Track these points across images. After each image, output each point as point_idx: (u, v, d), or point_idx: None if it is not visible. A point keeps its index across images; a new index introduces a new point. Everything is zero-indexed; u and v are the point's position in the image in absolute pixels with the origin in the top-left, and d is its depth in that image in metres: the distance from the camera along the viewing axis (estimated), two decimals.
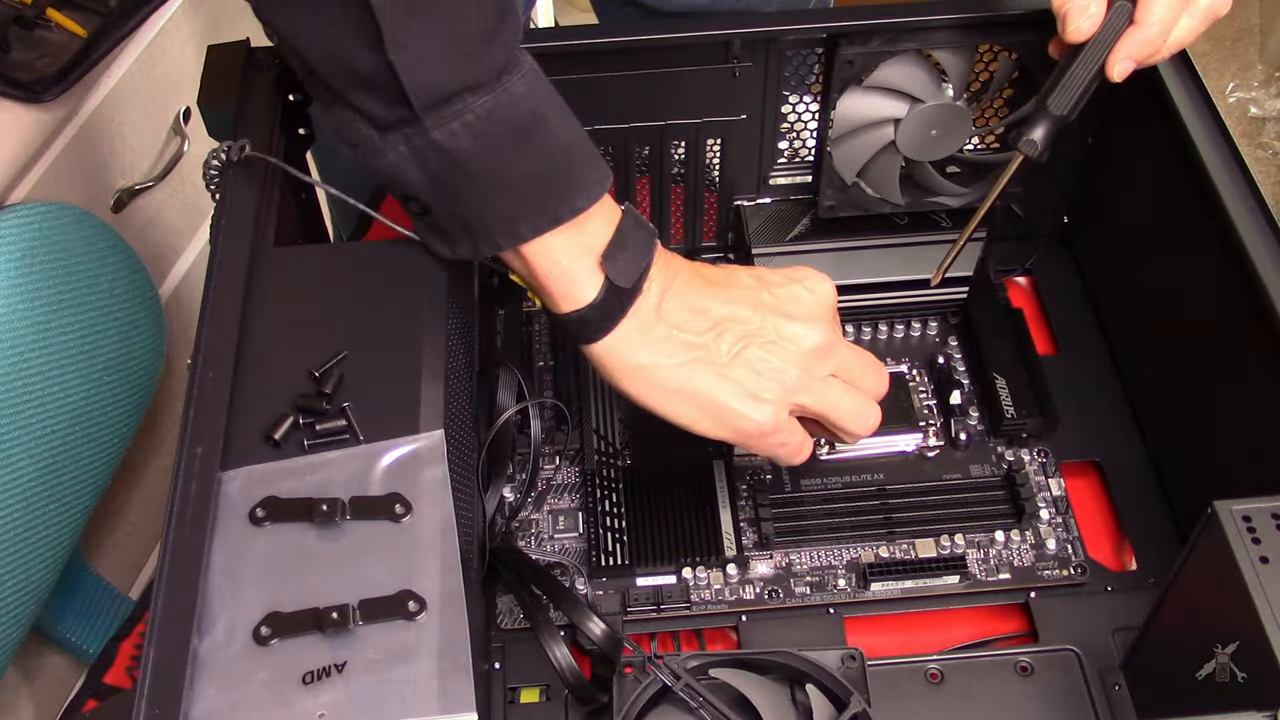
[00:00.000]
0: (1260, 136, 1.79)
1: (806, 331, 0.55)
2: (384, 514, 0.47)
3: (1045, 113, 0.58)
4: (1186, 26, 0.57)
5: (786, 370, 0.55)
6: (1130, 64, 0.58)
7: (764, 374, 0.54)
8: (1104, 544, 0.66)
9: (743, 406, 0.54)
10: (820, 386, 0.56)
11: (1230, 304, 0.59)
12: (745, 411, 0.54)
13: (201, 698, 0.43)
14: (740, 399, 0.54)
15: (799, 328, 0.55)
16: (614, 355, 0.54)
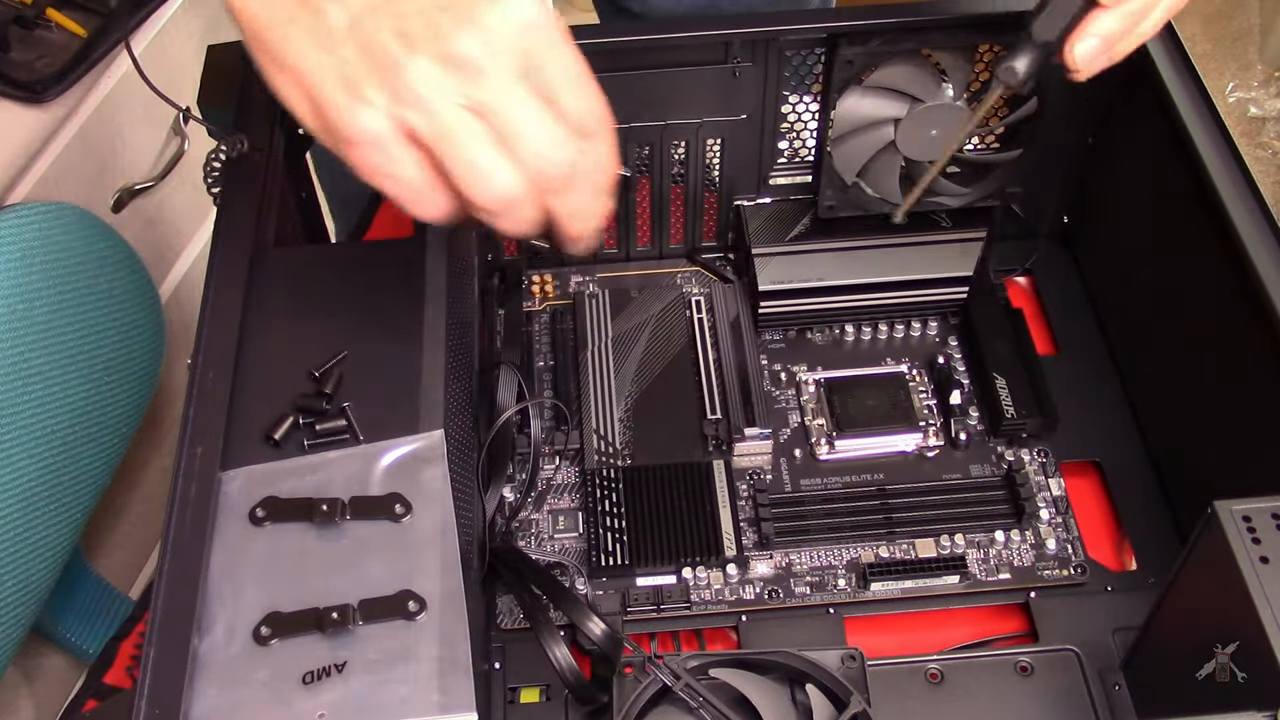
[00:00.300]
0: (1260, 136, 1.79)
1: (462, 35, 0.42)
2: (384, 514, 0.47)
3: (1029, 40, 0.55)
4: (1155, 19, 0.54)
5: (409, 72, 0.42)
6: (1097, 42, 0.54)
7: (378, 68, 0.42)
8: (1104, 544, 0.66)
9: (334, 94, 0.43)
10: (449, 114, 0.43)
11: (1230, 304, 0.59)
12: (335, 100, 0.43)
13: (201, 698, 0.43)
14: (334, 85, 0.43)
15: (457, 27, 0.42)
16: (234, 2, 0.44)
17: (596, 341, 0.72)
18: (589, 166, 0.46)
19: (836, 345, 0.74)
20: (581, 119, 0.45)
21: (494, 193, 0.44)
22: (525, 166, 0.44)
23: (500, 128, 0.43)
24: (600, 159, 0.46)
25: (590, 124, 0.45)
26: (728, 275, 0.77)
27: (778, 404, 0.71)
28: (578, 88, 0.45)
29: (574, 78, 0.45)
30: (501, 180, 0.44)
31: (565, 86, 0.44)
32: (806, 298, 0.72)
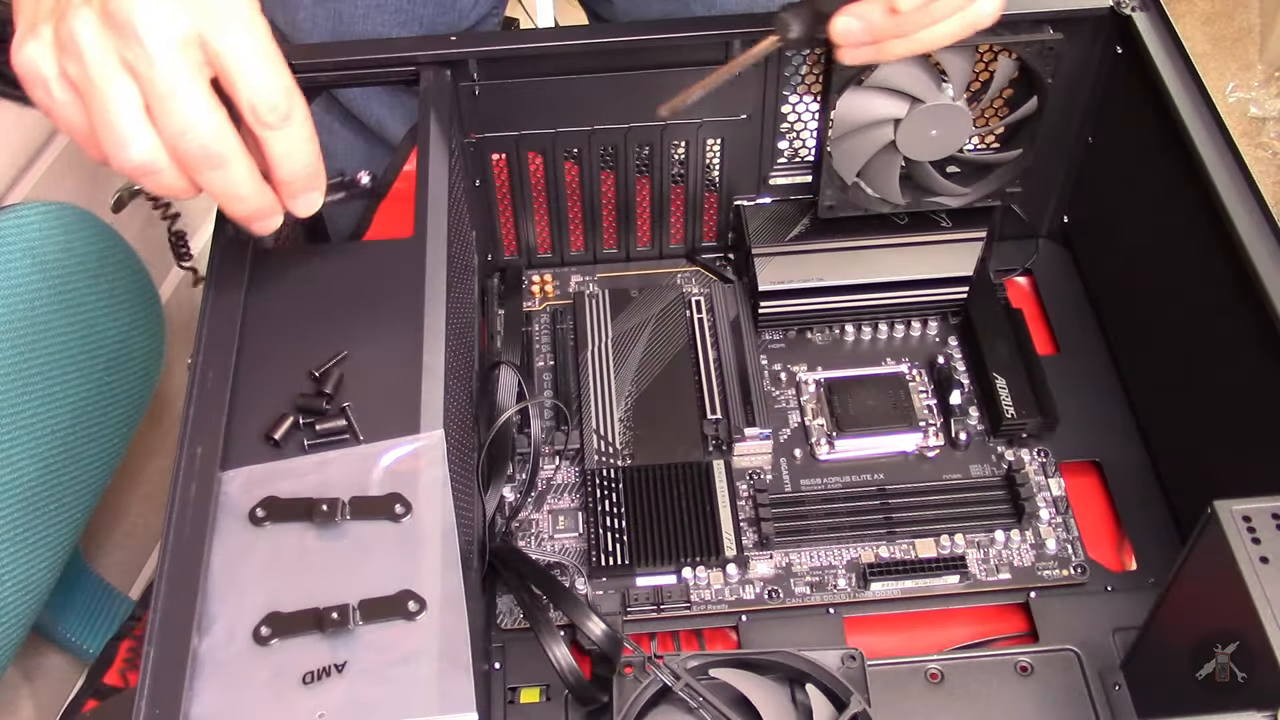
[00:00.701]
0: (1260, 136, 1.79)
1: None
2: (384, 514, 0.47)
3: (810, 1, 0.55)
4: (951, 26, 0.53)
5: (71, 18, 0.42)
6: (853, 20, 0.52)
7: (56, 9, 0.43)
8: (1104, 544, 0.66)
9: (18, 24, 0.44)
10: (100, 69, 0.42)
11: (1230, 304, 0.59)
12: (17, 31, 0.44)
13: (201, 698, 0.43)
14: (21, 17, 0.44)
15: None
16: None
17: (596, 341, 0.72)
18: (280, 152, 0.46)
19: (836, 345, 0.74)
20: (255, 103, 0.44)
21: (127, 158, 0.43)
22: (164, 139, 0.43)
23: (148, 94, 0.43)
24: (280, 146, 0.46)
25: (266, 110, 0.44)
26: (728, 275, 0.77)
27: (778, 404, 0.71)
28: (255, 69, 0.44)
29: (253, 58, 0.44)
30: (137, 148, 0.43)
31: (240, 66, 0.44)
32: (806, 298, 0.72)
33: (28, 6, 0.44)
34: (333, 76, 0.66)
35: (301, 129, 0.46)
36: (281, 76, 0.45)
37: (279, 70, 0.45)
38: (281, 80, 0.45)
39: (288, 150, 0.46)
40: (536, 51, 0.67)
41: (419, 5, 0.85)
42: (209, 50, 0.43)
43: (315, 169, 0.48)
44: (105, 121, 0.43)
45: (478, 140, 0.70)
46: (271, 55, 0.45)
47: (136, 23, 0.42)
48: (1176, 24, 0.66)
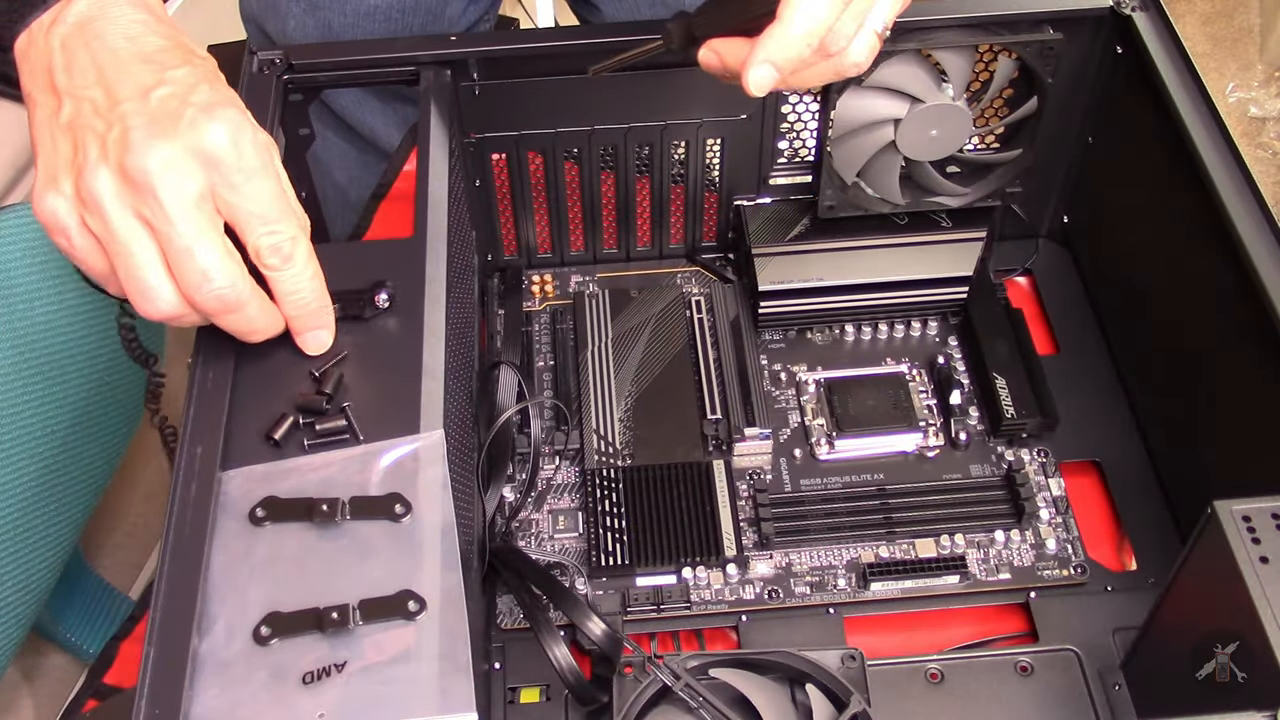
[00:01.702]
0: (1260, 136, 1.79)
1: (148, 151, 0.45)
2: (384, 514, 0.47)
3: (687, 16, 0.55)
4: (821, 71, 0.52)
5: (90, 176, 0.45)
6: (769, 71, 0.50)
7: (75, 165, 0.46)
8: (1104, 544, 0.66)
9: (40, 174, 0.47)
10: (120, 224, 0.45)
11: (1230, 304, 0.59)
12: (38, 180, 0.47)
13: (201, 698, 0.43)
14: (42, 166, 0.47)
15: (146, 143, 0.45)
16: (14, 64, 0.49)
17: (596, 341, 0.72)
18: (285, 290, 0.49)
19: (836, 345, 0.74)
20: (259, 248, 0.48)
21: (151, 309, 0.47)
22: (182, 289, 0.46)
23: (166, 249, 0.46)
24: (284, 285, 0.49)
25: (269, 253, 0.48)
26: (728, 275, 0.77)
27: (778, 404, 0.71)
28: (261, 219, 0.47)
29: (260, 208, 0.47)
30: (161, 302, 0.47)
31: (247, 217, 0.47)
32: (806, 298, 0.72)
33: (46, 154, 0.47)
34: (333, 77, 0.66)
35: (304, 269, 0.49)
36: (286, 223, 0.48)
37: (284, 216, 0.48)
38: (286, 227, 0.48)
39: (291, 289, 0.49)
40: (536, 51, 0.67)
41: (408, 14, 0.85)
42: (220, 203, 0.46)
43: (319, 305, 0.50)
44: (129, 274, 0.46)
45: (478, 140, 0.70)
46: (277, 203, 0.48)
47: (155, 183, 0.45)
48: (1176, 24, 0.66)
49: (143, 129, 0.45)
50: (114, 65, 0.47)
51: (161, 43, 0.48)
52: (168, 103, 0.46)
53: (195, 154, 0.46)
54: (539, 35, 0.73)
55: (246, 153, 0.47)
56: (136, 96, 0.46)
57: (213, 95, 0.47)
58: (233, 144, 0.46)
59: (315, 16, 0.84)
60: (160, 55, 0.48)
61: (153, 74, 0.47)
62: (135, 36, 0.48)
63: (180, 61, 0.48)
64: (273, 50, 0.65)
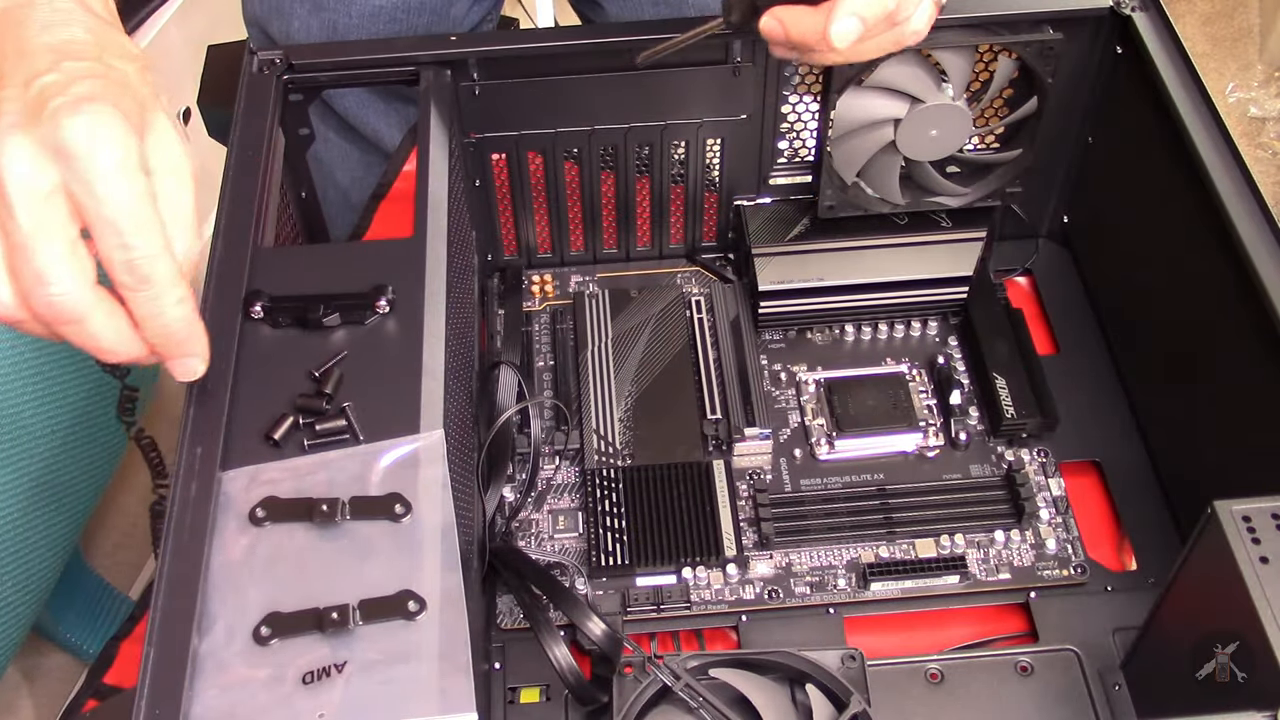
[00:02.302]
0: (1260, 136, 1.79)
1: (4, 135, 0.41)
2: (384, 514, 0.47)
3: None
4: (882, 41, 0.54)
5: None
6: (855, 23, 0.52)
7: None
8: (1104, 544, 0.66)
9: None
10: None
11: (1230, 304, 0.59)
12: None
13: (201, 698, 0.43)
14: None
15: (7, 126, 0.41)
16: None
17: (596, 341, 0.72)
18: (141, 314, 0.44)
19: (836, 345, 0.74)
20: (111, 261, 0.43)
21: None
22: (19, 291, 0.42)
23: (5, 244, 0.42)
24: (140, 309, 0.44)
25: (121, 270, 0.43)
26: (728, 275, 0.78)
27: (778, 404, 0.71)
28: (115, 228, 0.42)
29: (117, 215, 0.42)
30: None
31: (100, 223, 0.42)
32: (806, 298, 0.72)
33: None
34: (333, 77, 0.66)
35: (164, 292, 0.44)
36: (145, 237, 0.43)
37: (144, 229, 0.43)
38: (145, 241, 0.43)
39: (149, 313, 0.44)
40: (536, 51, 0.67)
41: (413, 14, 0.85)
42: (77, 204, 0.42)
43: (184, 335, 0.46)
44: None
45: (478, 140, 0.70)
46: (138, 212, 0.42)
47: (3, 175, 0.41)
48: (1176, 24, 0.66)
49: (8, 117, 0.42)
50: (17, 50, 0.44)
51: (77, 35, 0.45)
52: (46, 92, 0.42)
53: (50, 146, 0.41)
54: (539, 35, 0.73)
55: (106, 151, 0.42)
56: (20, 84, 0.42)
57: (95, 88, 0.42)
58: (90, 139, 0.41)
59: (320, 18, 0.84)
60: (71, 46, 0.44)
61: (49, 62, 0.43)
62: (52, 25, 0.45)
63: (89, 54, 0.44)
64: (273, 50, 0.65)
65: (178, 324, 0.45)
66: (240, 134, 0.61)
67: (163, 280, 0.43)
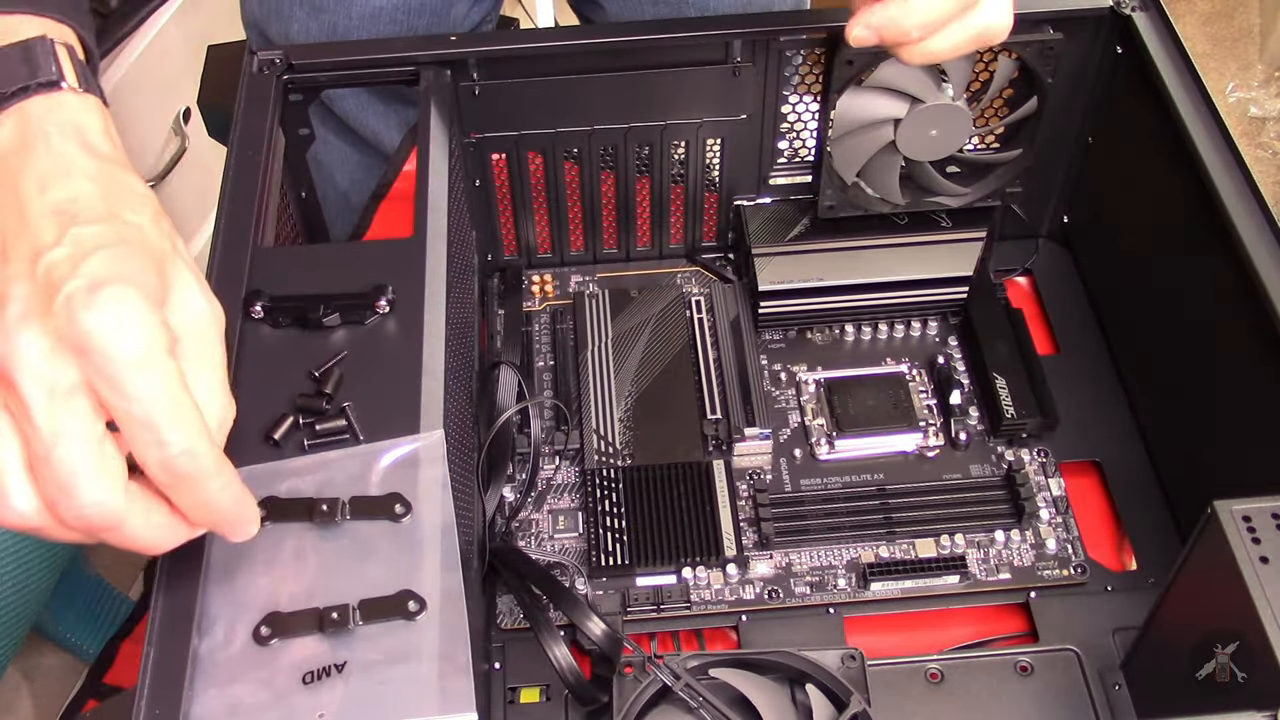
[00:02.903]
0: (1260, 136, 1.79)
1: (22, 331, 0.38)
2: (384, 514, 0.47)
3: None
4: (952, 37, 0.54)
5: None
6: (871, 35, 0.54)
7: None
8: (1104, 544, 0.66)
9: None
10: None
11: (1230, 304, 0.59)
12: None
13: (201, 698, 0.43)
14: None
15: (17, 325, 0.38)
16: None
17: (596, 341, 0.72)
18: (184, 506, 0.41)
19: (836, 345, 0.74)
20: (146, 460, 0.39)
21: (3, 517, 0.39)
22: (43, 500, 0.38)
23: (28, 450, 0.38)
24: (184, 501, 0.40)
25: (158, 469, 0.39)
26: (728, 275, 0.78)
27: (778, 404, 0.71)
28: (148, 425, 0.38)
29: (148, 411, 0.38)
30: (12, 507, 0.38)
31: (130, 422, 0.38)
32: (806, 298, 0.72)
33: None
34: (333, 76, 0.66)
35: (206, 482, 0.40)
36: (180, 430, 0.39)
37: (177, 421, 0.39)
38: (180, 435, 0.39)
39: (192, 505, 0.41)
40: (536, 51, 0.67)
41: (413, 15, 0.85)
42: (101, 398, 0.38)
43: (232, 515, 0.42)
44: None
45: (478, 140, 0.70)
46: (170, 404, 0.39)
47: (16, 375, 0.37)
48: (1176, 24, 0.66)
49: (18, 304, 0.38)
50: (18, 216, 0.40)
51: (81, 190, 0.41)
52: (55, 271, 0.38)
53: (67, 341, 0.38)
54: (539, 35, 0.73)
55: (129, 344, 0.38)
56: (27, 259, 0.39)
57: (107, 266, 0.39)
58: (111, 332, 0.38)
59: (319, 20, 0.84)
60: (75, 205, 0.40)
61: (54, 232, 0.39)
62: (51, 180, 0.41)
63: (97, 214, 0.41)
64: (273, 50, 0.65)
65: (224, 507, 0.41)
66: (240, 134, 0.61)
67: (204, 472, 0.40)
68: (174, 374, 0.39)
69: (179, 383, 0.39)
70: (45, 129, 0.42)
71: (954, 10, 0.54)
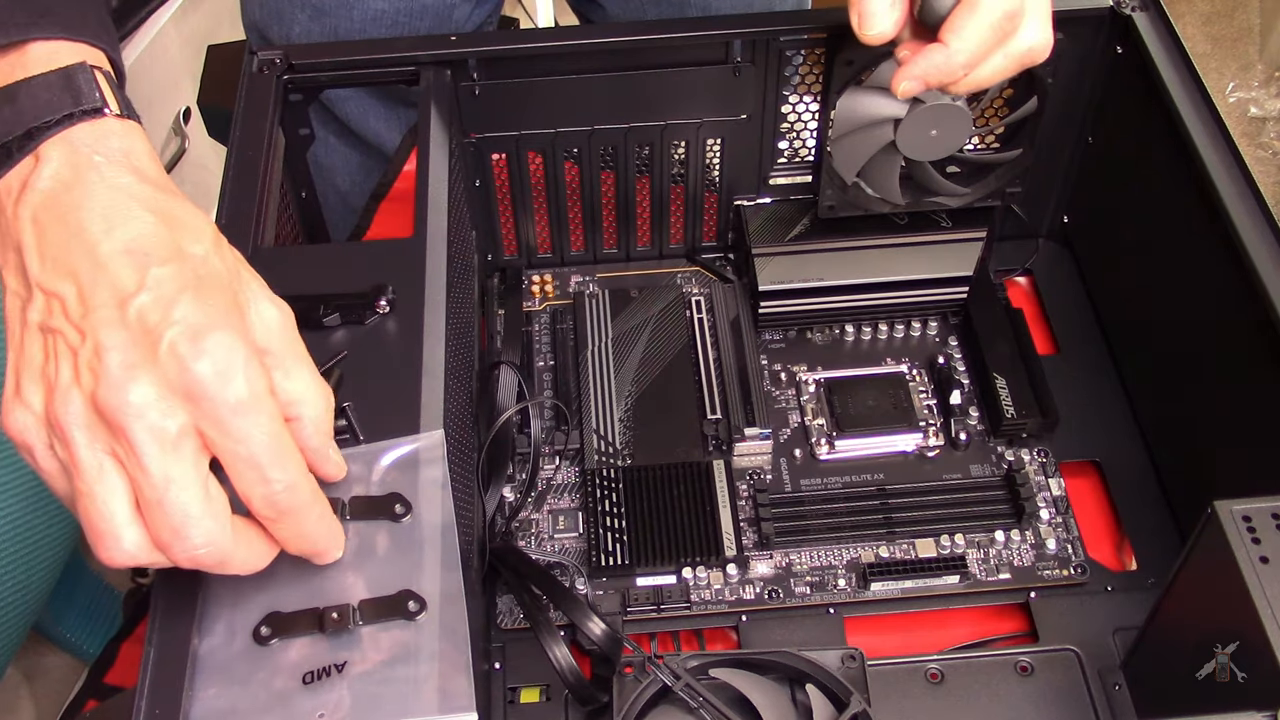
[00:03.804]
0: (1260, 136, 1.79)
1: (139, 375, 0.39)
2: (384, 514, 0.47)
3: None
4: (996, 65, 0.55)
5: (64, 396, 0.39)
6: (918, 85, 0.55)
7: (47, 370, 0.40)
8: (1104, 544, 0.66)
9: (9, 384, 0.41)
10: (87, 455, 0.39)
11: (1230, 304, 0.59)
12: (7, 392, 0.41)
13: (201, 698, 0.43)
14: (12, 370, 0.41)
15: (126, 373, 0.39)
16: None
17: (596, 341, 0.72)
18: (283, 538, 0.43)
19: (836, 345, 0.74)
20: (249, 497, 0.41)
21: (110, 556, 0.40)
22: (153, 539, 0.40)
23: (138, 494, 0.40)
24: (283, 532, 0.43)
25: (262, 505, 0.41)
26: (728, 275, 0.78)
27: (778, 404, 0.71)
28: (252, 466, 0.41)
29: (251, 453, 0.40)
30: (121, 548, 0.40)
31: (235, 462, 0.40)
32: (806, 298, 0.72)
33: (15, 353, 0.41)
34: (333, 76, 0.66)
35: (305, 514, 0.43)
36: (282, 468, 0.41)
37: (280, 459, 0.41)
38: (282, 472, 0.41)
39: (290, 536, 0.43)
40: (536, 51, 0.67)
41: (415, 18, 0.85)
42: (205, 439, 0.40)
43: (328, 542, 0.45)
44: (87, 516, 0.40)
45: (478, 140, 0.70)
46: (273, 443, 0.41)
47: (127, 424, 0.39)
48: (1176, 24, 0.66)
49: (118, 352, 0.39)
50: (89, 258, 0.40)
51: (145, 227, 0.41)
52: (147, 317, 0.40)
53: (176, 389, 0.39)
54: (539, 35, 0.73)
55: (236, 385, 0.40)
56: (113, 305, 0.40)
57: (198, 311, 0.40)
58: (218, 378, 0.40)
59: (321, 23, 0.84)
60: (144, 243, 0.41)
61: (133, 274, 0.40)
62: (114, 217, 0.41)
63: (168, 253, 0.41)
64: (273, 50, 0.65)
65: (320, 536, 0.44)
66: (240, 134, 0.61)
67: (304, 505, 0.42)
68: (276, 414, 0.41)
69: (280, 422, 0.41)
70: (94, 159, 0.42)
71: (995, 42, 0.54)
